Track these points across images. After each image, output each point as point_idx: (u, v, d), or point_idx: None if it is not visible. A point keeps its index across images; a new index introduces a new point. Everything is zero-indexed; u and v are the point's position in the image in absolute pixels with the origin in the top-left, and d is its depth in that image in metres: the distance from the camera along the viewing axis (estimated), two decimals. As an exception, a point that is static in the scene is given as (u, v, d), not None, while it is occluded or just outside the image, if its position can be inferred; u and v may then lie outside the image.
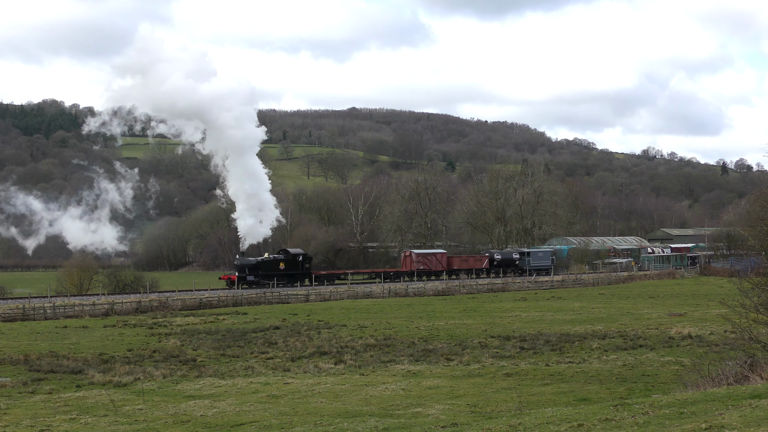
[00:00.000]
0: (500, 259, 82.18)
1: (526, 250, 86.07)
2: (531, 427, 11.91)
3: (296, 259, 69.74)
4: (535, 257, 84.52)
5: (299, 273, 69.41)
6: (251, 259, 68.51)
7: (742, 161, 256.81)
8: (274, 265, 68.44)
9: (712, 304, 44.83)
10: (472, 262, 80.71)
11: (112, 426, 17.96)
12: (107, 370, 26.33)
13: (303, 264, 69.92)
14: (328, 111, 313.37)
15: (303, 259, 70.13)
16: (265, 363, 27.84)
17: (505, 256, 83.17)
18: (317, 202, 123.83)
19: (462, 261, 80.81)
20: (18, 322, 44.84)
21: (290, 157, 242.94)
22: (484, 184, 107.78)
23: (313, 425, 16.74)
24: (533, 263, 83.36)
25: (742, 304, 19.29)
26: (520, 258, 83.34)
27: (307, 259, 70.87)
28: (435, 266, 77.59)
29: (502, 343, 31.65)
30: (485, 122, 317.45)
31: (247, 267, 66.97)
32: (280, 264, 68.66)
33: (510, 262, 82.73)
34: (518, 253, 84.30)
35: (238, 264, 67.63)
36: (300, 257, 70.09)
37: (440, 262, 78.00)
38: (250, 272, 66.69)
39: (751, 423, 10.38)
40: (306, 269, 70.18)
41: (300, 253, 71.15)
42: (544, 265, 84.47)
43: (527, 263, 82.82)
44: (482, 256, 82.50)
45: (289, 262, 69.20)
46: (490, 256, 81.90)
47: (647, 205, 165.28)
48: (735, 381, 16.84)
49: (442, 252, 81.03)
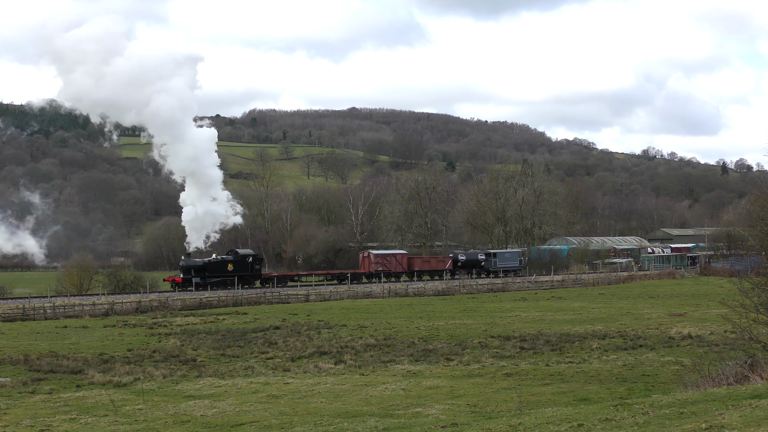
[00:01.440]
0: (464, 260, 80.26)
1: (492, 251, 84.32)
2: (531, 427, 11.91)
3: (246, 261, 67.39)
4: (502, 258, 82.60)
5: (249, 275, 67.10)
6: (197, 260, 66.04)
7: (742, 161, 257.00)
8: (222, 266, 66.12)
9: (712, 304, 44.82)
10: (434, 264, 79.30)
11: (112, 426, 17.96)
12: (107, 370, 26.33)
13: (253, 265, 67.68)
14: (328, 111, 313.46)
15: (253, 260, 67.96)
16: (265, 363, 27.84)
17: (470, 257, 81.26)
18: (317, 202, 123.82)
19: (423, 262, 79.36)
20: (18, 322, 44.85)
21: (290, 157, 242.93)
22: (484, 184, 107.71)
23: (313, 425, 16.73)
24: (500, 264, 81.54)
25: (742, 304, 19.28)
26: (486, 259, 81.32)
27: (257, 260, 68.82)
28: (394, 267, 75.79)
29: (502, 343, 31.65)
30: (485, 122, 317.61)
31: (193, 268, 64.75)
32: (228, 265, 66.30)
33: (475, 263, 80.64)
34: (484, 254, 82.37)
35: (183, 265, 65.35)
36: (250, 258, 67.87)
37: (400, 263, 76.27)
38: (196, 274, 64.45)
39: (751, 423, 10.38)
40: (257, 271, 68.05)
41: (250, 254, 69.06)
42: (512, 266, 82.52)
43: (493, 264, 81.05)
44: (445, 257, 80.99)
45: (238, 263, 66.83)
46: (454, 257, 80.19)
47: (647, 205, 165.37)
48: (735, 381, 16.83)
49: (402, 253, 79.33)
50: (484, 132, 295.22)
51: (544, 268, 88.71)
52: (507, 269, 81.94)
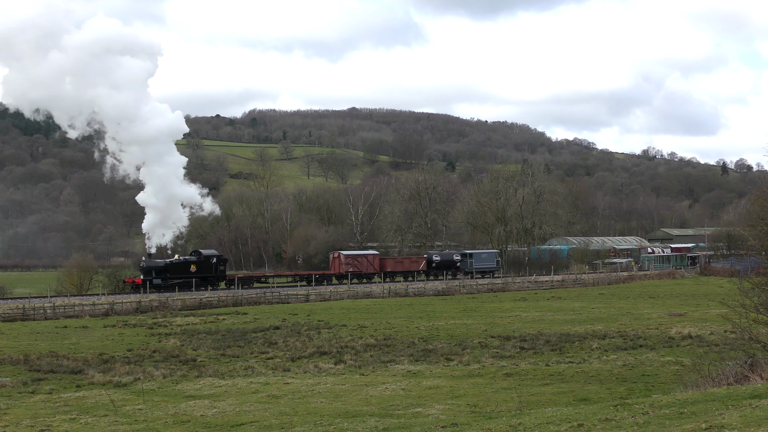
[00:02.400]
0: (439, 260, 79.05)
1: (468, 251, 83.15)
2: (531, 427, 11.91)
3: (209, 261, 65.45)
4: (478, 259, 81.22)
5: (212, 276, 65.35)
6: (159, 261, 64.14)
7: (742, 161, 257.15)
8: (184, 267, 64.13)
9: (712, 304, 44.77)
10: (407, 264, 77.92)
11: (112, 426, 17.96)
12: (107, 370, 26.32)
13: (217, 266, 65.79)
14: (328, 111, 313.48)
15: (217, 261, 66.08)
16: (265, 363, 27.83)
17: (445, 258, 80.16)
18: (317, 202, 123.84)
19: (396, 263, 77.94)
20: (18, 322, 44.85)
21: (290, 157, 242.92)
22: (484, 184, 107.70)
23: (313, 425, 16.73)
24: (476, 265, 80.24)
25: (742, 304, 19.28)
26: (461, 259, 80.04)
27: (221, 260, 66.91)
28: (366, 268, 74.27)
29: (502, 343, 31.65)
30: (485, 122, 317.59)
31: (154, 269, 62.71)
32: (191, 266, 64.36)
33: (450, 263, 79.44)
34: (460, 255, 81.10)
35: (143, 266, 63.42)
36: (214, 259, 65.94)
37: (372, 264, 74.73)
38: (157, 275, 62.50)
39: (751, 423, 10.38)
40: (221, 272, 66.22)
41: (214, 254, 67.28)
42: (489, 266, 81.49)
43: (469, 265, 79.80)
44: (419, 258, 79.71)
45: (201, 264, 64.90)
46: (428, 258, 78.92)
47: (647, 205, 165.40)
48: (735, 381, 16.83)
49: (374, 253, 77.75)
50: (484, 132, 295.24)
51: (544, 268, 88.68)
52: (483, 270, 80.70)
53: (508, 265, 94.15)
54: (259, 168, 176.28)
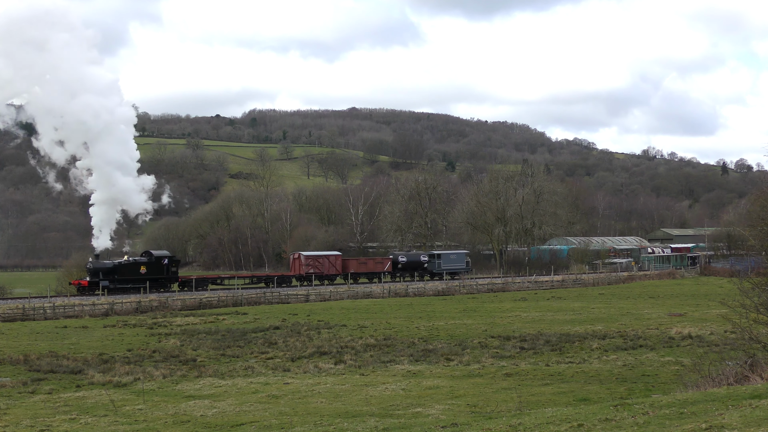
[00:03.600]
0: (405, 261, 77.56)
1: (436, 252, 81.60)
2: (531, 427, 11.91)
3: (161, 263, 63.40)
4: (446, 260, 79.74)
5: (164, 277, 63.27)
6: (107, 262, 61.63)
7: (742, 161, 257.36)
8: (134, 269, 62.07)
9: (712, 304, 44.79)
10: (371, 265, 76.34)
11: (112, 426, 17.96)
12: (107, 370, 26.32)
13: (169, 267, 63.62)
14: (328, 111, 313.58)
15: (169, 262, 63.96)
16: (265, 363, 27.83)
17: (412, 259, 78.63)
18: (317, 202, 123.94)
19: (360, 264, 76.30)
20: (18, 322, 44.85)
21: (290, 157, 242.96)
22: (484, 184, 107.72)
23: (313, 425, 16.73)
24: (444, 266, 78.83)
25: (742, 304, 19.28)
26: (429, 261, 78.56)
27: (174, 262, 64.80)
28: (328, 270, 72.75)
29: (502, 343, 31.64)
30: (485, 122, 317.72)
31: (101, 271, 60.43)
32: (141, 267, 62.34)
33: (417, 264, 78.00)
34: (427, 256, 79.52)
35: (90, 268, 61.02)
36: (165, 260, 63.83)
37: (334, 265, 73.29)
38: (104, 277, 60.29)
39: (751, 423, 10.37)
40: (173, 273, 64.05)
41: (166, 255, 65.17)
42: (458, 267, 79.82)
43: (437, 266, 78.42)
44: (384, 259, 78.35)
45: (152, 265, 62.87)
46: (394, 259, 77.44)
47: (647, 205, 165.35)
48: (735, 381, 16.83)
49: (336, 254, 76.33)
50: (484, 132, 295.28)
51: (544, 268, 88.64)
52: (452, 271, 79.27)
53: (508, 265, 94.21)
54: (259, 168, 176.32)
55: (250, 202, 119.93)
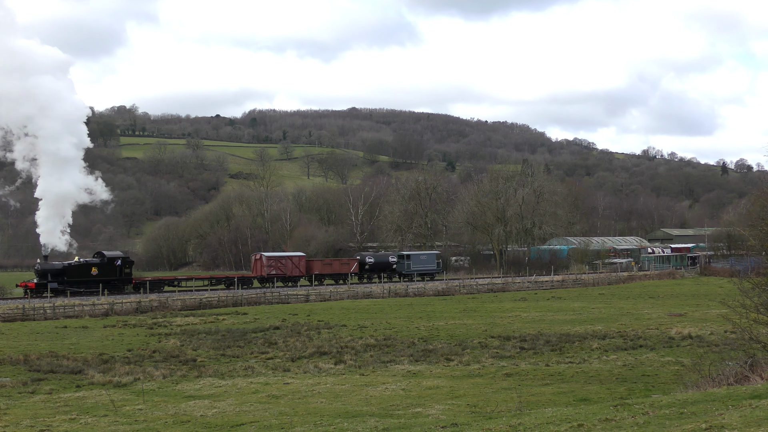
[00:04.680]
0: (373, 262, 76.65)
1: (405, 253, 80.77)
2: (531, 427, 11.91)
3: (113, 264, 61.81)
4: (416, 260, 79.03)
5: (117, 279, 61.80)
6: (56, 264, 60.16)
7: (742, 161, 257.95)
8: (85, 270, 60.44)
9: (712, 304, 44.78)
10: (337, 267, 75.03)
11: (112, 426, 17.95)
12: (107, 370, 26.31)
13: (122, 269, 62.09)
14: (328, 111, 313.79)
15: (122, 263, 62.42)
16: (265, 363, 27.82)
17: (380, 260, 77.71)
18: (317, 202, 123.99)
19: (324, 265, 74.85)
20: (18, 322, 44.84)
21: (290, 157, 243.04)
22: (484, 184, 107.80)
23: (313, 425, 16.72)
24: (414, 267, 78.18)
25: (742, 304, 19.28)
26: (398, 262, 77.76)
27: (127, 263, 63.15)
28: (291, 271, 71.14)
29: (502, 343, 31.63)
30: (485, 122, 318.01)
31: (50, 272, 58.94)
32: (92, 269, 60.71)
33: (386, 266, 77.21)
34: (396, 257, 78.56)
35: (38, 269, 59.68)
36: (118, 261, 62.24)
37: (297, 267, 71.69)
38: (53, 278, 58.70)
39: (751, 423, 10.37)
40: (126, 275, 62.50)
41: (118, 256, 63.56)
42: (428, 269, 79.10)
43: (406, 267, 77.76)
44: (350, 260, 77.05)
45: (103, 266, 61.30)
46: (361, 260, 76.24)
47: (647, 205, 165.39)
48: (735, 381, 16.83)
49: (300, 255, 74.28)
50: (484, 132, 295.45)
51: (544, 268, 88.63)
52: (422, 272, 78.52)
53: (508, 265, 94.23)
54: (259, 168, 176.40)
55: (250, 202, 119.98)
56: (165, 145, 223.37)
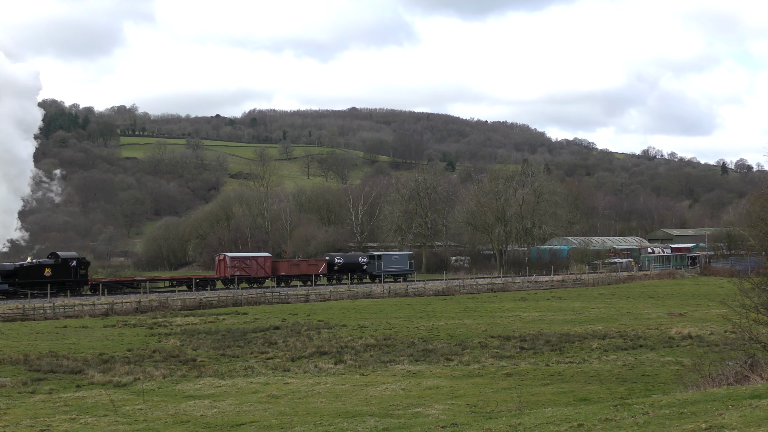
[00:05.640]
0: (342, 263, 75.15)
1: (376, 254, 79.22)
2: (531, 427, 11.90)
3: (68, 265, 60.25)
4: (387, 261, 77.47)
5: (72, 280, 60.36)
6: (7, 265, 59.07)
7: (742, 161, 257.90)
8: (38, 271, 58.86)
9: (712, 304, 44.82)
10: (304, 267, 73.01)
11: (112, 426, 17.95)
12: (107, 370, 26.31)
13: (77, 270, 60.61)
14: (328, 111, 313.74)
15: (77, 264, 60.82)
16: (265, 363, 27.82)
17: (350, 260, 76.31)
18: (317, 202, 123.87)
19: (291, 266, 72.87)
20: (18, 322, 44.85)
21: (290, 157, 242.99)
22: (484, 184, 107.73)
23: (313, 425, 16.72)
24: (385, 267, 76.69)
25: (742, 304, 19.28)
26: (368, 262, 76.34)
27: (82, 264, 61.51)
28: (256, 272, 69.78)
29: (502, 343, 31.64)
30: (485, 122, 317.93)
31: (1, 274, 57.61)
32: (45, 270, 59.14)
33: (356, 266, 75.86)
34: (367, 257, 77.26)
35: None
36: (73, 262, 60.58)
37: (263, 268, 70.22)
38: (4, 280, 57.53)
39: (751, 423, 10.37)
40: (82, 276, 61.06)
41: (73, 257, 61.59)
42: (401, 269, 77.74)
43: (377, 267, 76.25)
44: (318, 261, 75.38)
45: (58, 267, 59.75)
46: (330, 261, 74.63)
47: (647, 205, 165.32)
48: (735, 381, 16.83)
49: (266, 256, 72.93)
50: (484, 132, 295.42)
51: (544, 268, 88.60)
52: (394, 273, 77.24)
53: (508, 265, 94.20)
54: (259, 168, 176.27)
55: (250, 202, 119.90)
56: (165, 145, 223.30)
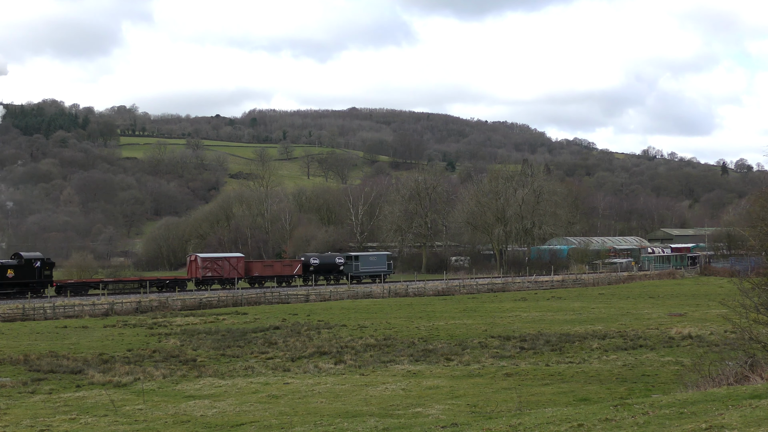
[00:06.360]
0: (318, 264, 74.39)
1: (354, 254, 78.50)
2: (531, 427, 11.90)
3: (31, 266, 59.35)
4: (365, 261, 76.84)
5: (35, 282, 59.43)
6: None
7: (742, 161, 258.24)
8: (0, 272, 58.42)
9: (712, 304, 44.81)
10: (278, 268, 72.35)
11: (112, 426, 17.95)
12: (107, 370, 26.31)
13: (41, 271, 59.54)
14: (328, 111, 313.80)
15: (41, 265, 59.66)
16: (265, 363, 27.83)
17: (326, 261, 75.44)
18: (317, 202, 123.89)
19: (265, 267, 72.19)
20: (18, 322, 44.87)
21: (290, 157, 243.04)
22: (484, 184, 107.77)
23: (313, 425, 16.73)
24: (363, 268, 76.12)
25: (742, 304, 19.28)
26: (346, 262, 75.54)
27: (46, 265, 60.27)
28: (228, 273, 68.56)
29: (502, 343, 31.64)
30: (485, 122, 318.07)
31: None
32: (8, 271, 58.30)
33: (332, 267, 75.14)
34: (344, 257, 76.26)
35: None
36: (37, 263, 59.52)
37: (235, 268, 69.00)
38: None
39: (751, 423, 10.37)
40: (46, 277, 59.98)
41: (37, 257, 60.28)
42: (378, 270, 77.03)
43: (354, 268, 75.65)
44: (293, 261, 74.65)
45: (21, 268, 58.86)
46: (305, 261, 73.86)
47: (647, 205, 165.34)
48: (735, 381, 16.83)
49: (239, 256, 71.60)
50: (484, 132, 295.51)
51: (544, 268, 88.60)
52: (372, 274, 76.54)
53: (508, 265, 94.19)
54: (259, 168, 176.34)
55: (250, 202, 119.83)
56: (165, 145, 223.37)
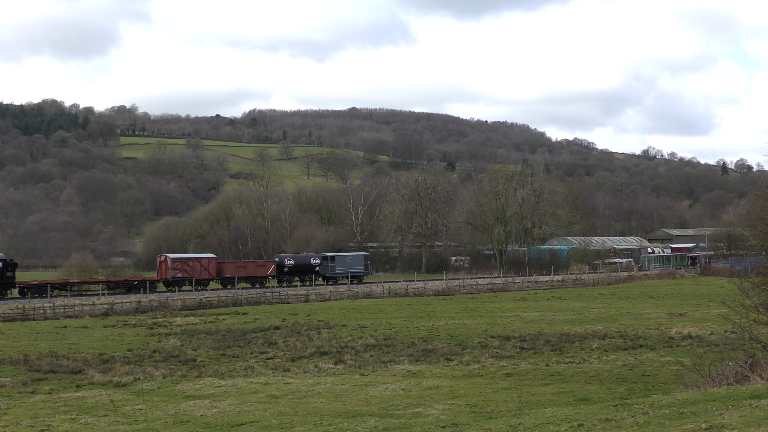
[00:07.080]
0: (293, 264, 73.30)
1: (330, 255, 77.62)
2: (531, 427, 11.91)
3: None
4: (342, 262, 75.90)
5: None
6: None
7: (742, 161, 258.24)
8: None
9: (712, 304, 44.82)
10: (251, 269, 71.12)
11: (112, 426, 17.95)
12: (107, 370, 26.31)
13: (4, 272, 58.60)
14: (328, 111, 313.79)
15: (4, 266, 58.74)
16: (265, 363, 27.83)
17: (300, 262, 74.28)
18: (317, 202, 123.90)
19: (238, 267, 70.94)
20: (18, 322, 44.87)
21: (290, 157, 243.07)
22: (484, 184, 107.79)
23: (313, 425, 16.73)
24: (339, 269, 75.22)
25: (742, 304, 19.28)
26: (321, 263, 74.73)
27: (9, 266, 59.29)
28: (199, 273, 67.36)
29: (502, 343, 31.63)
30: (485, 122, 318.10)
31: None
32: None
33: (307, 268, 73.93)
34: (319, 258, 75.36)
35: None
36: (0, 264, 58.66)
37: (206, 269, 67.91)
38: None
39: (751, 423, 10.37)
40: (9, 278, 58.99)
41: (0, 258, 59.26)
42: (356, 270, 76.23)
43: (330, 269, 74.98)
44: (267, 262, 73.68)
45: None
46: (279, 262, 72.75)
47: (647, 205, 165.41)
48: (735, 381, 16.83)
49: (210, 257, 70.44)
50: (484, 132, 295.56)
51: (544, 268, 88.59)
52: (351, 274, 75.56)
53: (508, 265, 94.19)
54: (259, 168, 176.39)
55: (250, 202, 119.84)
56: (165, 145, 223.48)
